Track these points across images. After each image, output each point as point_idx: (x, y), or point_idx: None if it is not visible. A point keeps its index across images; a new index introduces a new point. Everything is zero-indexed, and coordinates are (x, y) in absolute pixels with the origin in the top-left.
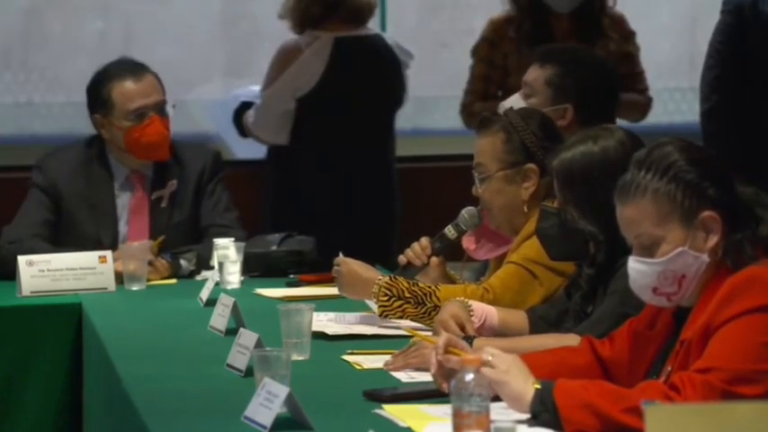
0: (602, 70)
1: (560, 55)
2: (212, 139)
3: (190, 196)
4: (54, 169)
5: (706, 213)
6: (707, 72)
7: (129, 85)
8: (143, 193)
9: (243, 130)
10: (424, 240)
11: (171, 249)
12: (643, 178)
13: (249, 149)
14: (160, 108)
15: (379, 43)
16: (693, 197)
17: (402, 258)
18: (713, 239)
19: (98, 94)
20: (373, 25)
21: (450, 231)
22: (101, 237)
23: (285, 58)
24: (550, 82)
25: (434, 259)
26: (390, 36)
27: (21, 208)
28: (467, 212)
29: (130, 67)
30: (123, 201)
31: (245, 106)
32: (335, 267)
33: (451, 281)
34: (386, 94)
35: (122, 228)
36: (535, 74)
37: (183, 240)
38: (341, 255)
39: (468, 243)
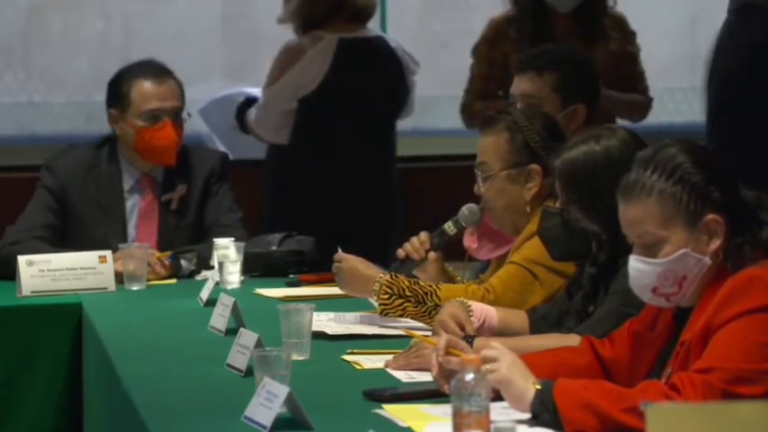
0: (589, 62)
1: (550, 58)
2: (205, 140)
3: (198, 199)
4: (64, 171)
5: (710, 216)
6: (712, 72)
7: (148, 85)
8: (153, 196)
9: (245, 127)
10: (423, 235)
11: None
12: (648, 178)
13: (239, 152)
14: (176, 114)
15: (383, 45)
16: (699, 200)
17: (400, 252)
18: (716, 242)
19: (118, 88)
20: (373, 25)
21: (449, 227)
22: (109, 239)
23: (288, 58)
24: (557, 87)
25: (432, 254)
26: (395, 40)
27: (26, 208)
28: (467, 209)
29: (155, 70)
30: (132, 203)
31: (248, 102)
32: (336, 264)
33: (449, 277)
34: (388, 95)
35: (131, 231)
36: (536, 84)
37: (190, 243)
38: (339, 250)
39: (469, 242)
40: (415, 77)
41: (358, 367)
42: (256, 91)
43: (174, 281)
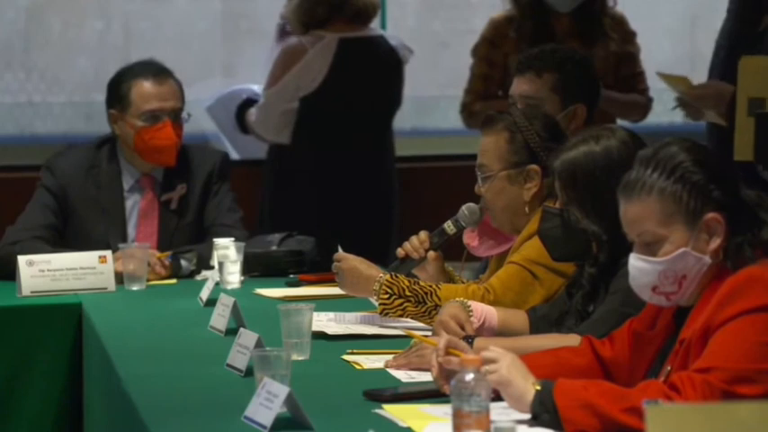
0: (589, 62)
1: (550, 59)
2: (210, 139)
3: (198, 199)
4: (64, 171)
5: (710, 215)
6: (713, 70)
7: (148, 85)
8: (153, 195)
9: (244, 127)
10: (423, 234)
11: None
12: (649, 177)
13: (244, 150)
14: (175, 114)
15: (383, 44)
16: (699, 198)
17: (400, 251)
18: (716, 241)
19: (118, 89)
20: (374, 25)
21: (449, 227)
22: (109, 239)
23: (289, 58)
24: (556, 88)
25: (432, 253)
26: (396, 36)
27: (26, 208)
28: (467, 209)
29: (155, 70)
30: (132, 203)
31: (248, 103)
32: (336, 264)
33: (449, 276)
34: (387, 95)
35: (131, 230)
36: (535, 85)
37: (190, 243)
38: (340, 249)
39: (469, 239)
40: (414, 76)
41: (358, 367)
42: (260, 88)
43: (174, 281)
